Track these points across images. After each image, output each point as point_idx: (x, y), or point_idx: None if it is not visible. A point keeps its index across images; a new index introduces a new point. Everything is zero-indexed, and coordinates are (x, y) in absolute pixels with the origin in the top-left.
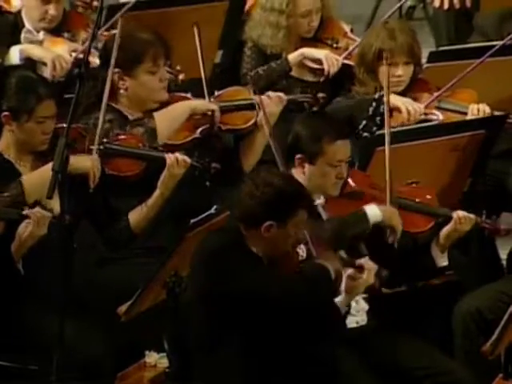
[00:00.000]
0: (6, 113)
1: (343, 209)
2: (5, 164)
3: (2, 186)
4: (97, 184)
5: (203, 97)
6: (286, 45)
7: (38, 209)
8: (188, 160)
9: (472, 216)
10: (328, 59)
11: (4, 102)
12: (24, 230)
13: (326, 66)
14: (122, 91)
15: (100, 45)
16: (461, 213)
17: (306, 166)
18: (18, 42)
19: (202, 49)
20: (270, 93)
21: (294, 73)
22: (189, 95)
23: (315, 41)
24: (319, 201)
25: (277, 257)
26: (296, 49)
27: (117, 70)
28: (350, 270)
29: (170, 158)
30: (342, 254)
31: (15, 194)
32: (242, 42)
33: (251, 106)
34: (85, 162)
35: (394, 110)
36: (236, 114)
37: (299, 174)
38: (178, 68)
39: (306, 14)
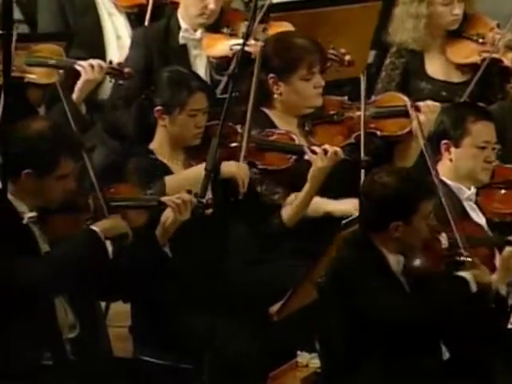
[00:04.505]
0: (158, 107)
1: (497, 198)
2: (158, 165)
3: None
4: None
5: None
6: (428, 38)
7: (179, 195)
8: (339, 151)
9: None
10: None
11: (157, 98)
12: (167, 216)
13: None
14: (275, 96)
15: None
16: None
17: (453, 150)
18: (172, 46)
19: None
20: (428, 102)
21: (438, 75)
22: (345, 99)
23: (460, 37)
24: (470, 192)
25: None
26: (441, 46)
27: (272, 75)
28: (505, 251)
29: (317, 150)
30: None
31: (158, 193)
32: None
33: (405, 113)
34: (230, 168)
35: None
36: (391, 121)
37: (446, 161)
38: (343, 51)
39: (447, 2)
